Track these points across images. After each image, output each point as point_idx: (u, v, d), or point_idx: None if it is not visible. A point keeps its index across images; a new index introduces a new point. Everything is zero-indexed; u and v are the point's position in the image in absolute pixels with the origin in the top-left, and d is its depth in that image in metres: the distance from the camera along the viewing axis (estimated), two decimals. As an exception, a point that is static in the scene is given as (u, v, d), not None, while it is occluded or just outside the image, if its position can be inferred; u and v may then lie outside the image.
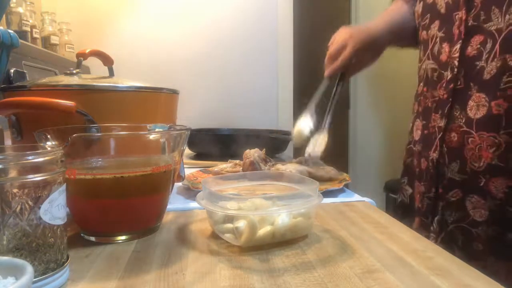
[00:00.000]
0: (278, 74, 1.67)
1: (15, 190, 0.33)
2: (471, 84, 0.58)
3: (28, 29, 1.09)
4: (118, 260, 0.43)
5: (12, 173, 0.34)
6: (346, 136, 2.64)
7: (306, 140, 0.78)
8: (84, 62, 0.67)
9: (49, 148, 0.42)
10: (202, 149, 1.18)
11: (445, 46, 0.61)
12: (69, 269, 0.38)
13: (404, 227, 0.54)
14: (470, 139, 0.58)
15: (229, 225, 0.47)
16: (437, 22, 0.64)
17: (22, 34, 1.04)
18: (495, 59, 0.54)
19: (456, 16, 0.59)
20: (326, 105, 0.83)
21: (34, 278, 0.32)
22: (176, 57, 1.58)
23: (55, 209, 0.36)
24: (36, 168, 0.34)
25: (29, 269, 0.29)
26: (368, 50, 0.77)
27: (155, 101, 0.66)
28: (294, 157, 0.97)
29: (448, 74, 0.61)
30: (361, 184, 2.48)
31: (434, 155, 0.64)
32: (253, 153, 0.82)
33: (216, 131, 1.39)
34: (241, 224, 0.45)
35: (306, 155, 0.79)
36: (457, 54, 0.59)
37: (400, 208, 0.78)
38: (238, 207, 0.48)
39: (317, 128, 0.81)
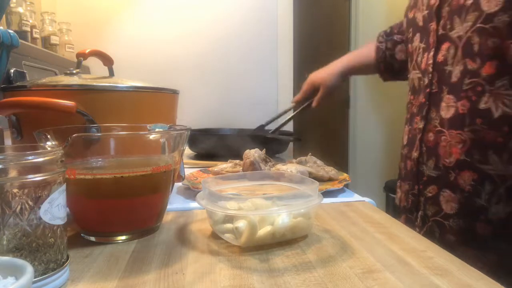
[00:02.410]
0: (278, 74, 1.67)
1: (15, 190, 0.33)
2: (443, 87, 0.63)
3: (28, 29, 1.08)
4: (118, 260, 0.43)
5: (12, 173, 0.34)
6: (346, 136, 2.64)
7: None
8: (84, 62, 0.67)
9: (49, 148, 0.42)
10: (202, 149, 1.18)
11: (425, 56, 0.66)
12: (69, 269, 0.39)
13: (404, 227, 0.54)
14: (442, 137, 0.63)
15: (229, 225, 0.47)
16: (418, 35, 0.70)
17: (22, 34, 1.04)
18: (459, 64, 0.59)
19: (431, 27, 0.65)
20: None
21: (34, 278, 0.32)
22: (176, 57, 1.58)
23: (55, 209, 0.36)
24: (36, 168, 0.34)
25: (29, 269, 0.29)
26: (323, 85, 1.07)
27: (155, 101, 0.66)
28: (294, 157, 0.98)
29: (425, 81, 0.66)
30: (361, 184, 2.48)
31: (415, 154, 0.69)
32: (253, 153, 0.82)
33: (216, 131, 1.39)
34: (241, 224, 0.45)
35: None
36: (431, 61, 0.64)
37: (395, 209, 0.83)
38: (238, 207, 0.48)
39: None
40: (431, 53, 0.64)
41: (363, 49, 1.04)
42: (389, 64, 0.96)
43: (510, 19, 0.53)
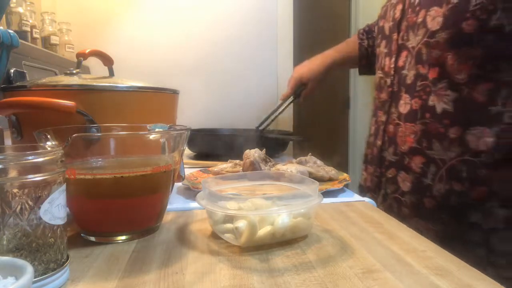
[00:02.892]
0: (278, 74, 1.66)
1: (15, 190, 0.33)
2: (401, 87, 0.76)
3: (28, 29, 1.08)
4: (118, 260, 0.43)
5: (12, 173, 0.34)
6: (346, 136, 2.64)
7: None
8: (84, 62, 0.67)
9: (49, 148, 0.42)
10: (202, 149, 1.18)
11: (387, 60, 0.81)
12: (69, 269, 0.39)
13: (404, 227, 0.54)
14: (400, 129, 0.77)
15: (229, 225, 0.47)
16: (384, 42, 0.83)
17: (22, 34, 1.04)
18: (413, 69, 0.73)
19: (393, 37, 0.79)
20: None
21: (34, 278, 0.32)
22: (176, 57, 1.58)
23: (55, 209, 0.36)
24: (36, 168, 0.34)
25: (29, 269, 0.29)
26: (309, 79, 1.13)
27: (155, 101, 0.66)
28: (294, 157, 0.98)
29: (388, 81, 0.80)
30: (361, 184, 2.48)
31: (379, 142, 0.83)
32: (253, 153, 0.82)
33: (216, 131, 1.39)
34: (241, 224, 0.45)
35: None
36: (392, 65, 0.78)
37: (361, 189, 0.95)
38: (238, 207, 0.48)
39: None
40: (393, 59, 0.78)
41: (343, 44, 1.14)
42: (370, 60, 1.06)
43: (447, 36, 0.66)
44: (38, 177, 0.34)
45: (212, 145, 1.15)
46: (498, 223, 0.66)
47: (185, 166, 0.79)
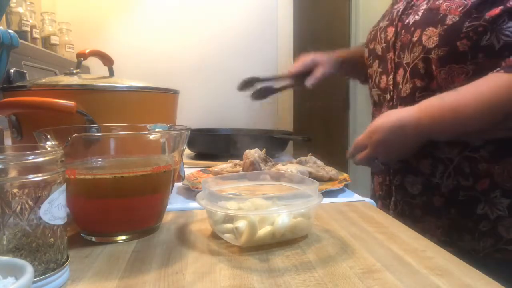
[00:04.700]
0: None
1: (15, 190, 0.33)
2: (398, 101, 0.81)
3: (28, 29, 1.08)
4: (118, 260, 0.43)
5: (12, 173, 0.34)
6: (346, 136, 2.64)
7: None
8: (84, 62, 0.67)
9: (49, 148, 0.42)
10: (202, 149, 1.18)
11: (383, 78, 0.86)
12: (69, 269, 0.39)
13: (404, 227, 0.54)
14: None
15: (229, 225, 0.47)
16: (377, 62, 0.89)
17: (22, 34, 1.04)
18: (408, 82, 0.79)
19: (388, 56, 0.84)
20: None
21: (34, 278, 0.32)
22: (176, 57, 1.58)
23: (55, 209, 0.36)
24: (36, 168, 0.34)
25: (29, 269, 0.29)
26: (316, 63, 1.01)
27: (155, 101, 0.66)
28: (294, 157, 0.98)
29: (387, 97, 0.84)
30: (361, 184, 2.48)
31: None
32: (253, 153, 0.82)
33: (216, 131, 1.39)
34: (241, 224, 0.45)
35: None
36: (391, 82, 0.83)
37: (372, 198, 0.98)
38: (238, 207, 0.48)
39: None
40: (391, 76, 0.83)
41: (355, 49, 1.13)
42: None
43: (443, 53, 0.72)
44: (38, 177, 0.34)
45: (212, 145, 1.15)
46: (503, 212, 0.72)
47: (185, 166, 0.79)
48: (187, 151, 1.21)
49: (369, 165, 0.81)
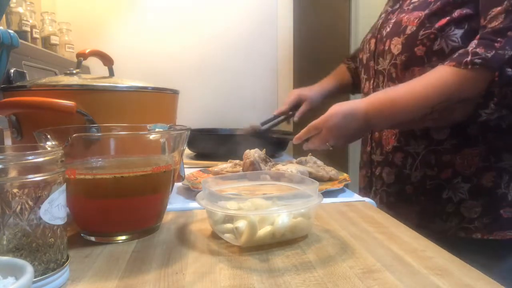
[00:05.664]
0: (278, 74, 1.66)
1: (15, 190, 0.33)
2: None
3: (28, 29, 1.08)
4: (118, 260, 0.43)
5: (12, 173, 0.34)
6: (346, 136, 2.64)
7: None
8: (84, 62, 0.67)
9: (49, 148, 0.42)
10: (202, 149, 1.18)
11: (367, 84, 1.00)
12: (69, 269, 0.39)
13: (404, 227, 0.54)
14: (383, 133, 0.95)
15: (229, 225, 0.47)
16: (363, 70, 1.03)
17: (22, 34, 1.04)
18: (385, 86, 0.91)
19: (370, 64, 0.97)
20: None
21: (34, 278, 0.32)
22: (176, 57, 1.58)
23: (55, 209, 0.36)
24: (36, 168, 0.34)
25: (29, 269, 0.29)
26: (303, 99, 1.17)
27: (155, 101, 0.66)
28: (294, 157, 0.98)
29: None
30: (361, 184, 2.47)
31: (368, 148, 1.02)
32: (253, 153, 0.82)
33: (216, 131, 1.39)
34: (241, 224, 0.45)
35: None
36: (371, 87, 0.97)
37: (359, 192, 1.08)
38: (238, 207, 0.48)
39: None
40: (371, 81, 0.97)
41: (335, 73, 1.26)
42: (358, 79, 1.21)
43: (405, 59, 0.86)
44: (38, 177, 0.34)
45: (212, 145, 1.15)
46: (464, 195, 0.84)
47: (185, 166, 0.79)
48: (187, 151, 1.21)
49: (320, 148, 0.88)
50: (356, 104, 0.83)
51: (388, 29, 0.90)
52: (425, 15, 0.82)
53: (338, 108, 0.82)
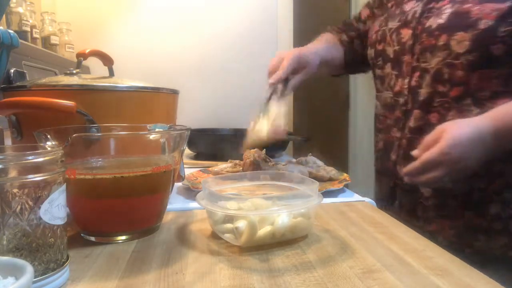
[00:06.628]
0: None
1: (15, 190, 0.33)
2: (414, 105, 0.79)
3: (28, 29, 1.08)
4: (118, 260, 0.43)
5: (12, 173, 0.34)
6: (346, 136, 2.64)
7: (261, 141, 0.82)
8: (84, 62, 0.67)
9: (49, 148, 0.42)
10: (202, 149, 1.18)
11: (399, 81, 0.83)
12: (69, 269, 0.39)
13: (404, 227, 0.54)
14: (410, 141, 0.79)
15: (229, 225, 0.47)
16: (389, 64, 0.86)
17: (22, 34, 1.04)
18: (428, 87, 0.76)
19: (403, 59, 0.81)
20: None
21: (34, 278, 0.32)
22: (176, 57, 1.58)
23: (55, 209, 0.36)
24: (36, 168, 0.34)
25: (29, 269, 0.29)
26: (303, 63, 0.90)
27: (155, 101, 0.66)
28: (294, 157, 0.98)
29: (401, 100, 0.82)
30: (361, 184, 2.48)
31: (393, 157, 0.85)
32: (253, 153, 0.82)
33: (216, 131, 1.39)
34: (241, 224, 0.45)
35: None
36: (406, 86, 0.81)
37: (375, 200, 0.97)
38: (238, 207, 0.48)
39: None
40: (406, 80, 0.81)
41: (324, 43, 1.02)
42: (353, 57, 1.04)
43: (474, 58, 0.70)
44: (38, 177, 0.34)
45: (212, 145, 1.15)
46: None
47: (185, 166, 0.79)
48: (187, 151, 1.21)
49: (436, 185, 0.74)
50: (476, 122, 0.66)
51: (442, 21, 0.74)
52: (508, 8, 0.68)
53: (458, 132, 0.64)
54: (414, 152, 0.69)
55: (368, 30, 0.97)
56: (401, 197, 0.84)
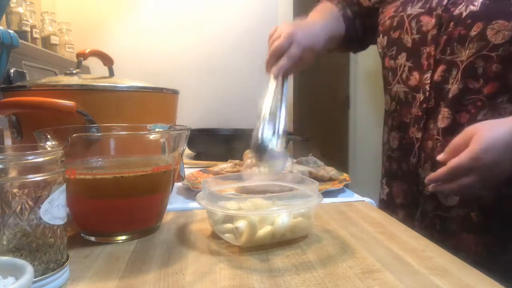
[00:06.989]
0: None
1: (15, 190, 0.33)
2: (440, 102, 0.72)
3: (28, 29, 1.08)
4: (118, 260, 0.43)
5: (12, 173, 0.34)
6: (346, 136, 2.64)
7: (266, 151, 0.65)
8: (84, 62, 0.67)
9: (49, 148, 0.42)
10: (202, 149, 1.18)
11: (415, 74, 0.75)
12: (69, 269, 0.39)
13: (404, 227, 0.54)
14: (439, 144, 0.72)
15: (229, 225, 0.47)
16: (404, 54, 0.77)
17: (22, 34, 1.04)
18: (457, 83, 0.68)
19: (424, 50, 0.73)
20: (277, 109, 0.77)
21: (34, 278, 0.32)
22: (176, 57, 1.58)
23: (55, 209, 0.36)
24: (36, 168, 0.34)
25: (29, 269, 0.29)
26: (312, 50, 0.77)
27: (155, 101, 0.66)
28: (294, 157, 0.98)
29: (420, 96, 0.74)
30: (361, 184, 2.47)
31: (413, 160, 0.77)
32: (253, 153, 0.81)
33: (216, 131, 1.39)
34: (241, 224, 0.45)
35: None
36: (428, 81, 0.72)
37: (381, 204, 0.89)
38: (238, 207, 0.48)
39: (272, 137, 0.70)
40: (428, 74, 0.72)
41: (323, 17, 0.91)
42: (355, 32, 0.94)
43: None
44: (38, 177, 0.34)
45: (212, 145, 1.15)
46: None
47: (185, 166, 0.79)
48: (187, 151, 1.21)
49: (464, 194, 0.66)
50: (511, 123, 0.59)
51: (475, 8, 0.66)
52: None
53: (491, 135, 0.57)
54: (440, 157, 0.61)
55: (371, 9, 0.89)
56: (424, 205, 0.76)
